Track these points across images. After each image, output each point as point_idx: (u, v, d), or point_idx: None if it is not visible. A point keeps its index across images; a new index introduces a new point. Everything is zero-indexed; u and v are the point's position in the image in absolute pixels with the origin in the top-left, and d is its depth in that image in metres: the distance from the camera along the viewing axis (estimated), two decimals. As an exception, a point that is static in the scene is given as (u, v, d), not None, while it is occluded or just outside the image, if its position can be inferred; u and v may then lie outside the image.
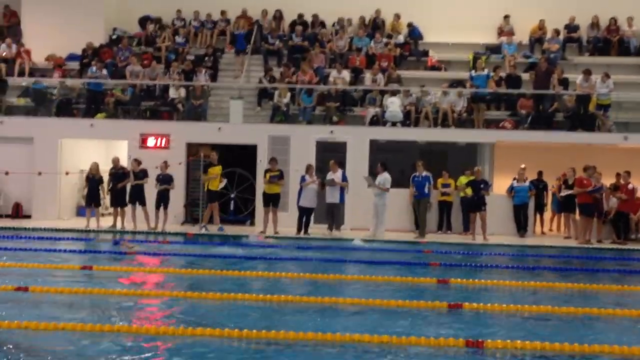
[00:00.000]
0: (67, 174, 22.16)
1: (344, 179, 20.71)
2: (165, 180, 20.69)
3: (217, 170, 20.71)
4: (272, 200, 20.65)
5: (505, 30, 27.01)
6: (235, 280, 13.53)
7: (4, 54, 25.24)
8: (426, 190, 20.74)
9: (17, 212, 22.84)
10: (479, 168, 21.34)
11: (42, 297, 11.45)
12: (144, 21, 27.31)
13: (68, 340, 8.92)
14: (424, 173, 20.81)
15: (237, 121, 22.83)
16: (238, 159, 22.42)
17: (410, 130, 22.77)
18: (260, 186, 21.31)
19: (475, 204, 20.76)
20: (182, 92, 23.58)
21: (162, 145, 22.59)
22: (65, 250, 16.50)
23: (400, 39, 26.64)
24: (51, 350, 8.52)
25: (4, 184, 22.56)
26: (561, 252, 18.99)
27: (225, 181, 20.98)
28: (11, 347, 8.56)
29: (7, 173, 21.60)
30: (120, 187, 20.54)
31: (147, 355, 8.52)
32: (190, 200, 22.54)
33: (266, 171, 20.82)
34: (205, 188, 20.85)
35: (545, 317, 11.00)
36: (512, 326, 10.45)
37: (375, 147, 22.37)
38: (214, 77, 24.89)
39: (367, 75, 24.29)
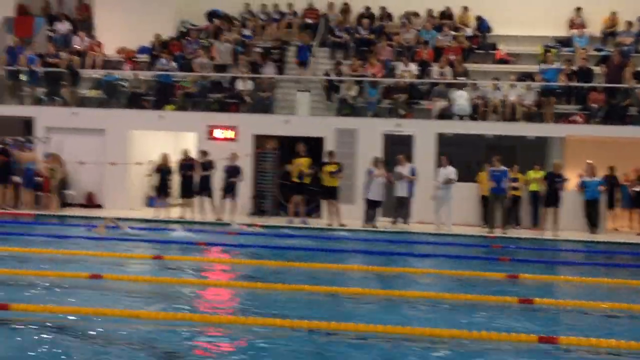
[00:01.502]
0: (138, 164, 22.50)
1: (413, 172, 20.62)
2: (232, 171, 20.88)
3: (303, 161, 20.84)
4: (330, 193, 20.68)
5: (576, 23, 26.48)
6: (304, 271, 13.58)
7: (77, 47, 25.71)
8: (503, 185, 20.46)
9: (90, 201, 23.29)
10: (558, 161, 21.00)
11: (115, 285, 11.67)
12: (212, 15, 27.54)
13: (140, 327, 9.07)
14: (501, 167, 20.51)
15: (304, 114, 22.90)
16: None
17: (478, 124, 22.54)
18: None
19: (549, 198, 20.35)
20: (250, 84, 23.74)
21: (230, 137, 22.78)
22: (135, 240, 16.79)
23: (469, 31, 26.36)
24: (123, 336, 8.68)
25: (77, 173, 23.05)
26: (633, 249, 18.60)
27: (310, 171, 21.03)
28: (85, 333, 8.74)
29: (81, 163, 22.10)
30: (189, 177, 20.80)
31: (215, 343, 8.61)
32: (257, 192, 22.69)
33: (324, 164, 20.85)
34: (294, 177, 20.97)
35: (619, 314, 10.80)
36: (584, 323, 10.28)
37: (443, 141, 22.19)
38: (280, 70, 24.98)
39: (435, 69, 24.09)
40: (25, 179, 21.79)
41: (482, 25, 26.62)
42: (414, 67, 24.07)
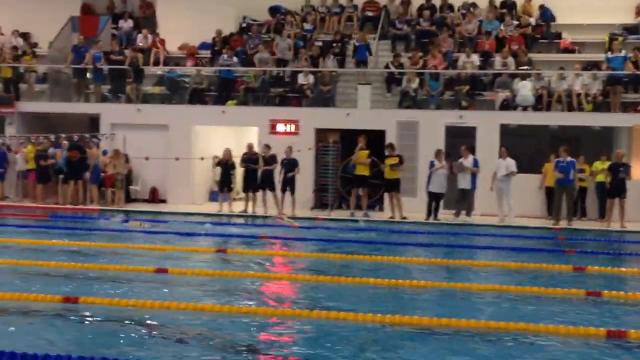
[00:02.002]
0: (202, 159, 22.72)
1: (475, 164, 20.43)
2: (289, 165, 20.96)
3: (364, 155, 20.85)
4: (392, 186, 20.60)
5: (644, 10, 25.89)
6: (366, 264, 13.55)
7: (141, 44, 26.09)
8: (571, 176, 20.11)
9: (154, 196, 23.62)
10: (620, 151, 20.57)
11: (181, 279, 11.81)
12: (274, 11, 27.65)
13: (206, 320, 9.16)
14: (568, 158, 20.15)
15: (365, 107, 22.84)
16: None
17: (542, 115, 22.21)
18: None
19: (614, 189, 19.93)
20: (311, 78, 23.78)
21: (291, 131, 22.86)
22: (199, 234, 16.97)
23: (532, 21, 25.95)
24: (190, 329, 8.77)
25: (141, 169, 23.40)
26: None
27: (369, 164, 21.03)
28: (152, 326, 8.86)
29: (147, 158, 22.44)
30: (252, 172, 20.96)
31: (279, 337, 8.65)
32: (319, 186, 22.73)
33: (385, 157, 20.78)
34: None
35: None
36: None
37: (506, 132, 21.91)
38: (341, 63, 24.94)
39: (497, 59, 23.78)
40: (92, 175, 22.20)
41: (546, 14, 26.18)
42: (476, 58, 23.81)
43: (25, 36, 27.62)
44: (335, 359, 7.76)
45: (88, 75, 25.13)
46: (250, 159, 21.19)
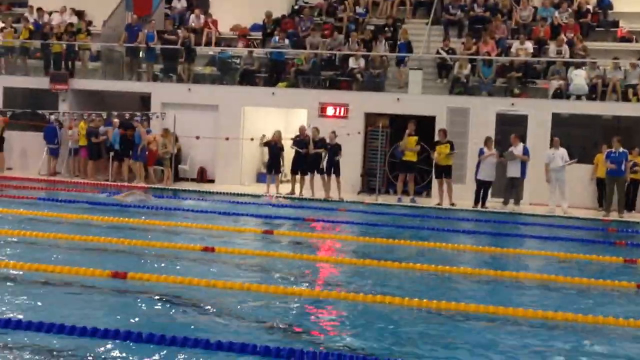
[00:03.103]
0: (251, 139, 22.78)
1: (526, 152, 20.19)
2: (333, 149, 20.92)
3: (413, 141, 20.76)
4: (444, 172, 20.46)
5: None
6: (411, 249, 13.50)
7: (193, 24, 26.21)
8: (623, 167, 19.76)
9: (202, 176, 23.78)
10: None
11: (227, 258, 11.88)
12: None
13: (251, 300, 9.21)
14: (620, 149, 19.79)
15: (416, 92, 22.68)
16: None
17: (596, 104, 21.81)
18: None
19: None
20: (362, 62, 23.67)
21: (341, 114, 22.80)
22: (247, 214, 17.06)
23: (588, 8, 25.48)
24: (235, 308, 8.83)
25: (190, 149, 23.57)
26: None
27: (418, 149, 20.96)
28: (198, 304, 8.94)
29: (198, 138, 22.60)
30: (300, 154, 20.98)
31: (324, 319, 8.67)
32: (367, 170, 22.68)
33: (436, 143, 20.64)
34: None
35: None
36: None
37: (557, 121, 21.60)
38: (393, 48, 24.78)
39: (552, 47, 23.40)
40: (138, 153, 22.39)
41: (603, 2, 25.70)
42: (529, 45, 23.46)
43: (80, 14, 27.91)
44: (379, 343, 7.75)
45: (140, 54, 25.35)
46: (301, 141, 21.20)
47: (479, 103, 22.11)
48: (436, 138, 20.85)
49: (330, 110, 22.87)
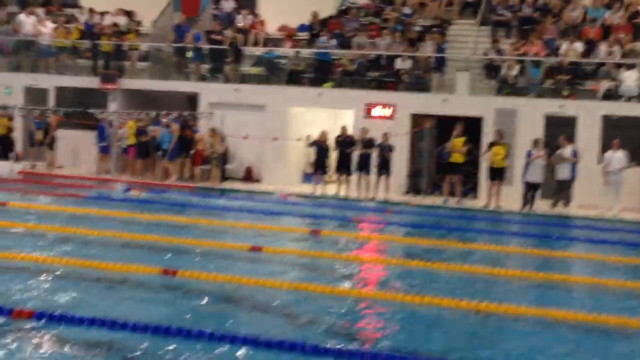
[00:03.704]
0: (298, 140, 22.83)
1: (574, 154, 19.95)
2: (385, 149, 20.86)
3: (460, 142, 20.64)
4: (498, 174, 20.29)
5: None
6: (456, 250, 13.41)
7: (241, 24, 26.36)
8: None
9: (249, 176, 23.90)
10: None
11: (275, 257, 11.93)
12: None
13: (297, 299, 9.25)
14: None
15: (463, 93, 22.53)
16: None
17: (648, 106, 21.49)
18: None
19: None
20: (408, 62, 23.59)
21: (387, 115, 22.75)
22: (293, 214, 17.11)
23: (639, 9, 25.08)
24: (283, 307, 8.86)
25: (237, 148, 23.70)
26: None
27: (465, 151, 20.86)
28: (246, 302, 8.99)
29: (245, 137, 22.74)
30: (346, 154, 20.98)
31: (371, 319, 8.66)
32: (413, 171, 22.59)
33: (491, 144, 20.47)
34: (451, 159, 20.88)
35: None
36: None
37: (608, 123, 21.31)
38: (440, 48, 24.64)
39: (602, 48, 23.09)
40: (173, 152, 22.61)
41: (655, 3, 25.29)
42: (579, 46, 23.18)
43: (129, 14, 28.24)
44: (427, 345, 7.72)
45: (188, 54, 25.57)
46: (344, 141, 21.20)
47: (527, 104, 21.88)
48: (491, 139, 20.61)
49: (376, 111, 22.81)
